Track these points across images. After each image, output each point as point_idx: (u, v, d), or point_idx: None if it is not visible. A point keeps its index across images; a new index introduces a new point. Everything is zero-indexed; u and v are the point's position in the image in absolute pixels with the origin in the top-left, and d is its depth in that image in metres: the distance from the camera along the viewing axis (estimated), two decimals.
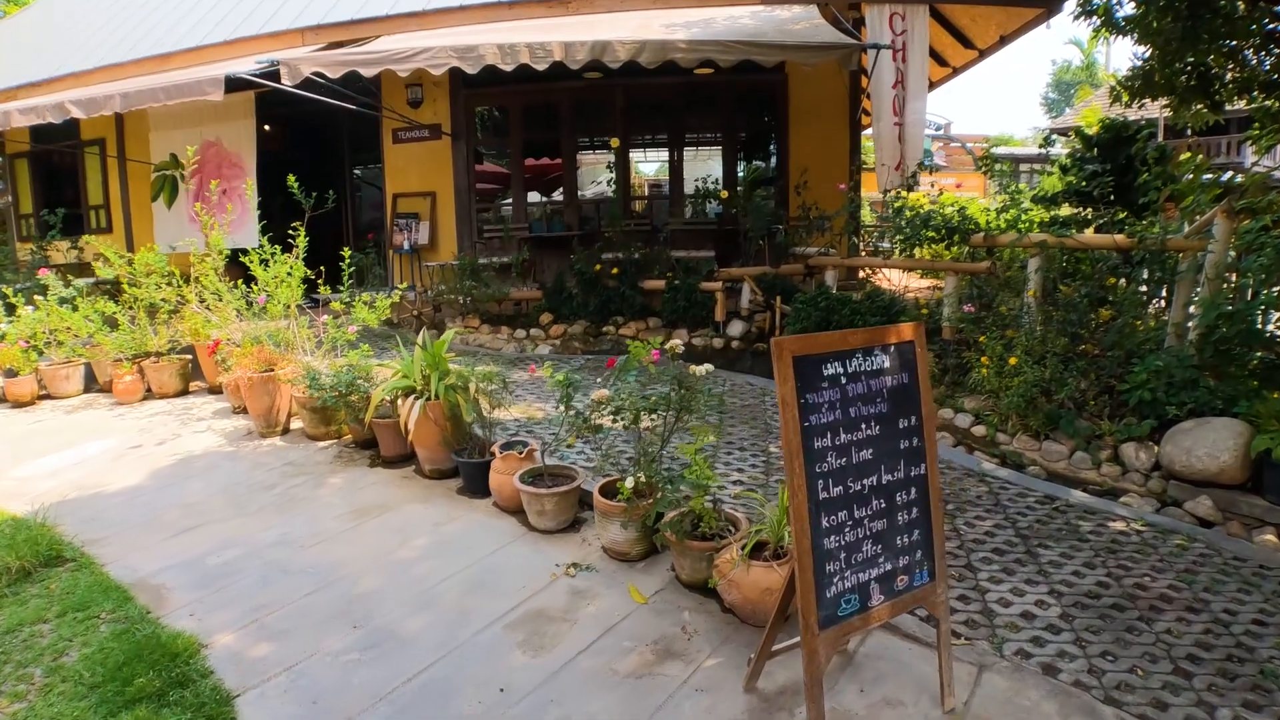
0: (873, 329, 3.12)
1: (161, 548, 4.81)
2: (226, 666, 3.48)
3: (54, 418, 8.17)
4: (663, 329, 9.67)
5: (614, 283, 9.98)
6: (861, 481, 3.05)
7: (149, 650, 3.54)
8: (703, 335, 9.38)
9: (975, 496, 5.38)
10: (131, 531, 5.06)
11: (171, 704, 3.19)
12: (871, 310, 7.96)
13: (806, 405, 2.90)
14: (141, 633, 3.73)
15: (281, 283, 7.60)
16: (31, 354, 8.86)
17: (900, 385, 3.16)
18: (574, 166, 12.52)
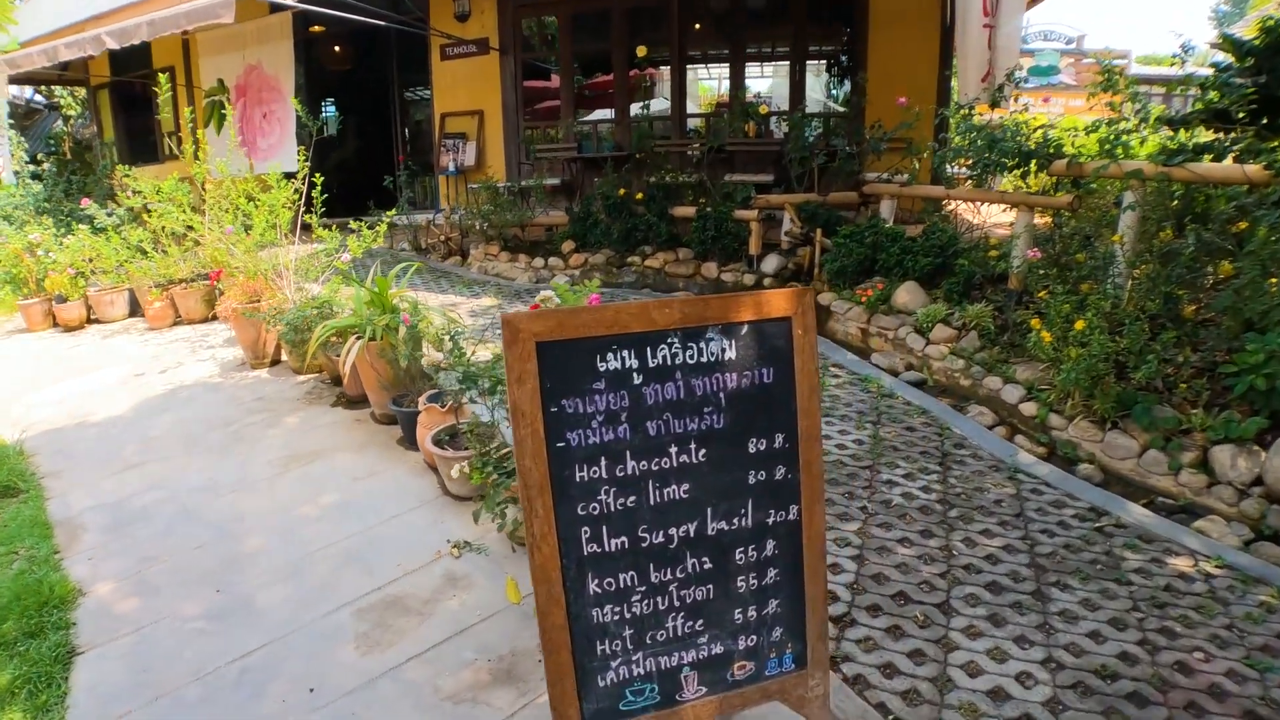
0: (703, 299, 2.00)
1: (102, 484, 4.92)
2: (88, 621, 3.46)
3: (90, 343, 8.56)
4: (693, 261, 8.73)
5: (642, 209, 9.06)
6: (666, 532, 2.04)
7: (31, 595, 3.59)
8: (734, 270, 8.37)
9: (993, 501, 4.14)
10: (87, 466, 5.24)
11: (16, 655, 3.20)
12: (926, 249, 6.76)
13: (562, 417, 1.91)
14: (35, 576, 3.80)
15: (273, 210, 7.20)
16: (79, 280, 9.13)
17: (756, 388, 2.06)
18: (625, 82, 11.38)
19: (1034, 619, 3.23)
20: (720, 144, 9.43)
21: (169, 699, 2.94)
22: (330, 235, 7.26)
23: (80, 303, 9.16)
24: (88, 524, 4.41)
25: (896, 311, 6.60)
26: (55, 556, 4.05)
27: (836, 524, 3.92)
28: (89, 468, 5.21)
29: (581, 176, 10.65)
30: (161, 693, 2.97)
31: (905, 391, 5.62)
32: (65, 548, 4.15)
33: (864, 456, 4.62)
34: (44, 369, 7.71)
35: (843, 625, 3.19)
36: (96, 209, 8.95)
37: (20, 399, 6.82)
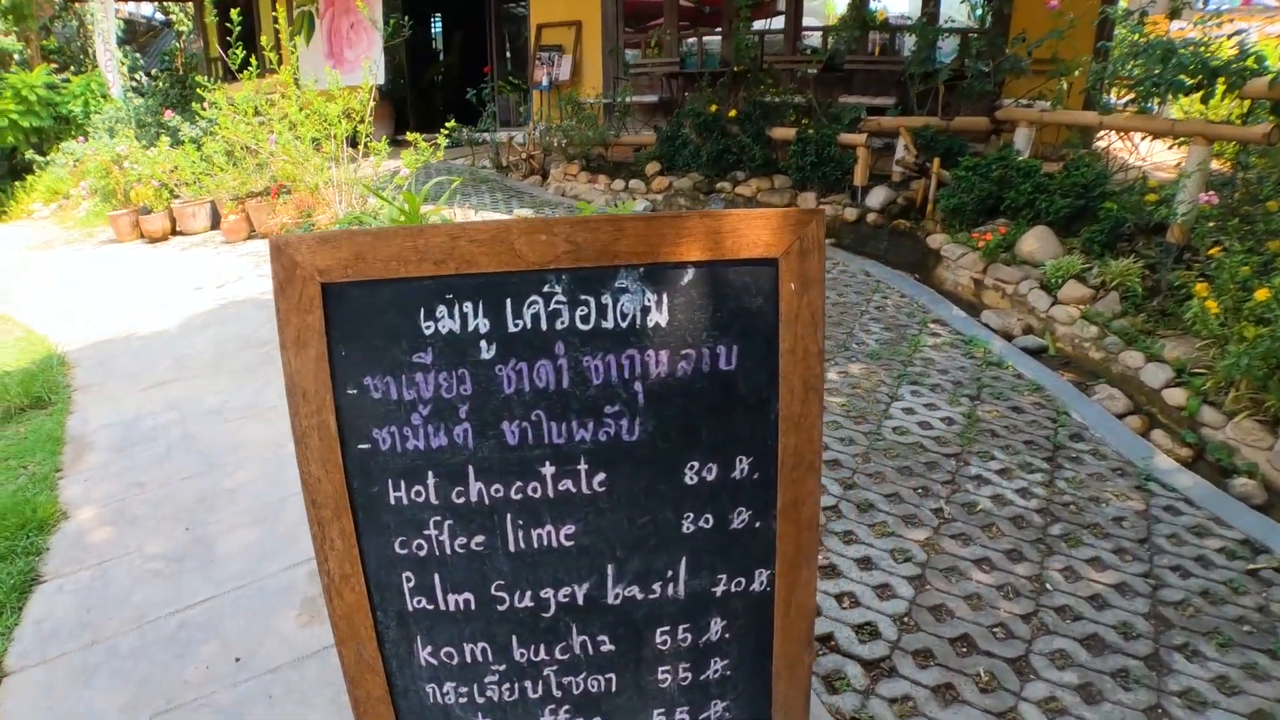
0: (612, 219, 1.20)
1: (125, 401, 4.89)
2: (60, 548, 3.38)
3: (166, 255, 8.67)
4: (789, 190, 7.71)
5: (736, 129, 8.06)
6: (538, 594, 1.34)
7: (16, 514, 3.56)
8: (835, 202, 7.31)
9: (1111, 519, 3.17)
10: (118, 381, 5.26)
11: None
12: (1065, 188, 5.57)
13: (366, 405, 1.23)
14: (28, 494, 3.78)
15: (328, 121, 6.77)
16: (163, 193, 9.17)
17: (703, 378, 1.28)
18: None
19: (1144, 698, 2.33)
20: (836, 60, 8.27)
21: (103, 646, 2.76)
22: (378, 148, 6.80)
23: (164, 214, 9.23)
24: (97, 443, 4.37)
25: (1020, 262, 5.50)
26: (55, 475, 4.04)
27: (898, 529, 3.12)
28: (119, 383, 5.25)
29: (680, 95, 9.70)
30: (99, 638, 2.81)
31: (1018, 360, 4.62)
32: (68, 466, 4.12)
33: (951, 441, 3.75)
34: (115, 280, 7.84)
35: (877, 674, 2.44)
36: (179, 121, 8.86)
37: (85, 308, 6.97)
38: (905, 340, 4.90)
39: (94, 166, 9.68)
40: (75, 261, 8.97)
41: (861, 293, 5.78)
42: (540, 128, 9.90)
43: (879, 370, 4.48)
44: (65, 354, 5.94)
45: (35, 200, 12.00)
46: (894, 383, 4.33)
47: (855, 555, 2.95)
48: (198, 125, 8.98)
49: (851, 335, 5.01)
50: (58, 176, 11.35)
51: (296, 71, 7.73)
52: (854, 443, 3.73)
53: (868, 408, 4.06)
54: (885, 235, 6.85)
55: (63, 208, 10.97)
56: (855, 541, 3.03)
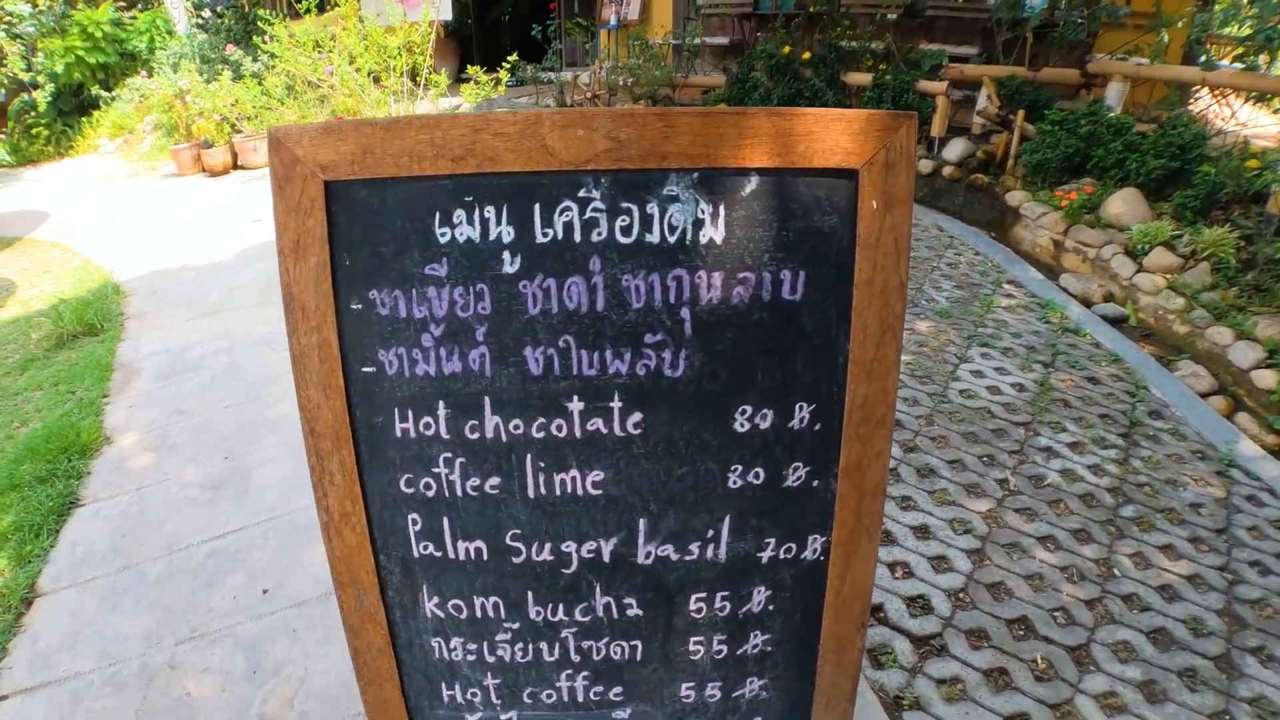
0: (662, 113, 0.99)
1: (175, 329, 4.96)
2: (101, 472, 3.40)
3: (226, 188, 8.88)
4: None
5: (809, 73, 7.67)
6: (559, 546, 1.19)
7: (60, 438, 3.60)
8: None
9: (1189, 505, 2.91)
10: (171, 309, 5.34)
11: (24, 500, 3.19)
12: (1158, 149, 5.15)
13: (371, 322, 1.08)
14: (75, 419, 3.82)
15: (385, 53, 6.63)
16: (224, 127, 9.19)
17: (762, 308, 1.08)
18: None
19: (1211, 702, 2.12)
20: (918, 5, 7.79)
21: (134, 572, 2.75)
22: (437, 81, 6.65)
23: (225, 149, 9.30)
24: (144, 370, 4.42)
25: (1104, 225, 5.12)
26: (102, 400, 4.08)
27: (959, 498, 2.91)
28: (171, 311, 5.31)
29: (753, 37, 9.29)
30: (130, 563, 2.80)
31: (1096, 329, 4.30)
32: (115, 392, 4.16)
33: (1021, 409, 3.50)
34: (174, 212, 7.96)
35: (926, 651, 2.28)
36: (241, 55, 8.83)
37: (143, 240, 7.11)
38: (977, 300, 4.61)
39: (157, 101, 9.76)
40: (136, 195, 9.11)
41: (933, 248, 5.47)
42: (606, 67, 9.62)
43: (948, 329, 4.22)
44: (121, 283, 6.05)
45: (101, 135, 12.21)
46: (963, 343, 4.07)
47: (912, 523, 2.76)
48: (259, 60, 8.94)
49: (921, 291, 4.73)
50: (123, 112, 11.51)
51: (359, 6, 7.57)
52: (918, 403, 3.51)
53: (934, 368, 3.82)
54: (961, 190, 6.47)
55: (127, 142, 11.14)
56: (913, 508, 2.84)
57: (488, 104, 9.91)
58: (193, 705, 2.18)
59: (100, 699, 2.23)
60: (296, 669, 2.27)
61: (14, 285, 6.41)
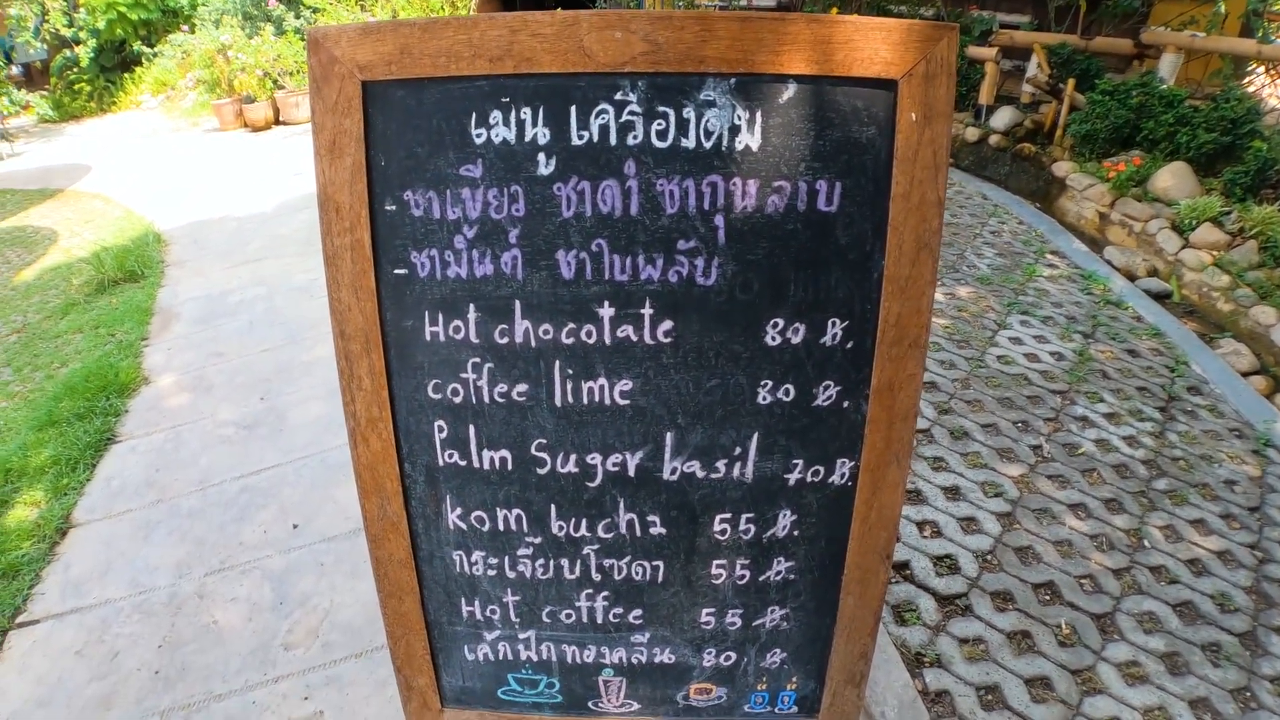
0: (701, 16, 0.97)
1: (214, 276, 5.04)
2: (140, 410, 3.47)
3: (269, 143, 8.98)
4: None
5: None
6: (584, 457, 1.18)
7: (99, 378, 3.68)
8: (956, 120, 6.78)
9: (1223, 481, 2.85)
10: (211, 257, 5.41)
11: (64, 435, 3.27)
12: (1210, 122, 4.97)
13: (405, 223, 1.08)
14: (113, 360, 3.90)
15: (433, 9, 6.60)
16: (266, 82, 9.22)
17: (797, 218, 1.05)
18: None
19: (1233, 677, 2.08)
20: None
21: (166, 505, 2.80)
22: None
23: (267, 104, 9.33)
24: (183, 314, 4.49)
25: (1152, 198, 4.98)
26: (141, 343, 4.17)
27: (992, 461, 2.87)
28: (212, 259, 5.38)
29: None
30: (163, 497, 2.86)
31: (1138, 302, 4.20)
32: (154, 335, 4.25)
33: (1059, 377, 3.43)
34: (216, 165, 8.08)
35: (951, 611, 2.26)
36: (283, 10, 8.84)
37: (184, 192, 7.20)
38: (1019, 268, 4.52)
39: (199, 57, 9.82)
40: (178, 149, 9.21)
41: (977, 215, 5.36)
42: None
43: (988, 296, 4.15)
44: (162, 232, 6.13)
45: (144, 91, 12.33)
46: (1003, 310, 4.00)
47: (943, 483, 2.73)
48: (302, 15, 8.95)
49: (963, 257, 4.65)
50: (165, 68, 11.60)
51: None
52: (955, 367, 3.46)
53: (973, 333, 3.76)
54: (1008, 159, 6.33)
55: (170, 98, 11.24)
56: (945, 469, 2.81)
57: None
58: (219, 633, 2.23)
59: (129, 625, 2.28)
60: (323, 601, 2.31)
61: (56, 234, 6.53)
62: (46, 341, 4.48)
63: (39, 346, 4.43)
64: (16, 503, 2.90)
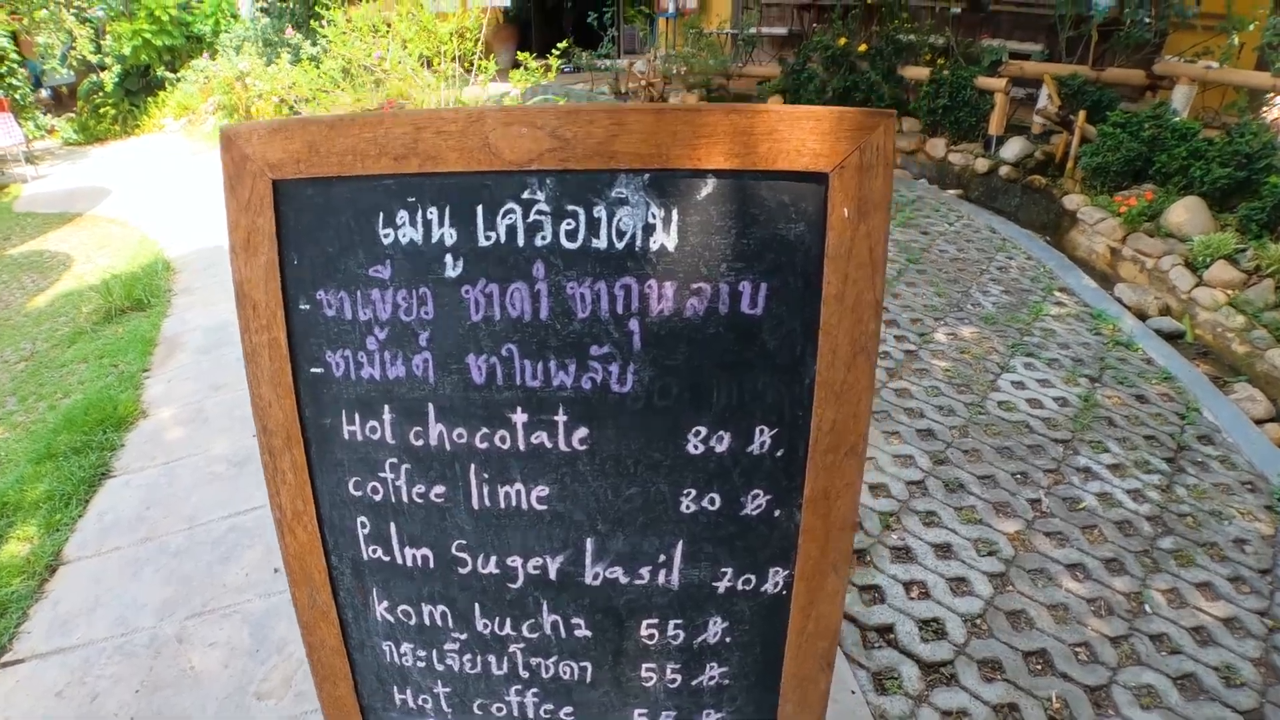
0: (613, 110, 0.93)
1: (221, 305, 5.03)
2: (136, 444, 3.48)
3: None
4: (918, 134, 7.12)
5: (865, 65, 7.46)
6: (505, 560, 1.14)
7: (99, 410, 3.68)
8: (965, 151, 6.67)
9: (1233, 540, 2.73)
10: (217, 286, 5.42)
11: (60, 469, 3.27)
12: (1224, 156, 4.87)
13: (319, 323, 1.05)
14: (113, 392, 3.90)
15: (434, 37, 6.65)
16: (283, 108, 9.44)
17: (720, 322, 1.00)
18: None
19: None
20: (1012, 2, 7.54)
21: (155, 544, 2.81)
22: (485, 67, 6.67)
23: None
24: (187, 343, 4.50)
25: (1164, 234, 4.87)
26: (142, 374, 4.17)
27: (987, 516, 2.78)
28: (218, 287, 5.37)
29: (813, 28, 9.12)
30: (153, 535, 2.86)
31: (1149, 344, 4.09)
32: (155, 366, 4.26)
33: (1061, 424, 3.34)
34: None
35: (935, 680, 2.17)
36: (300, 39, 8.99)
37: (197, 217, 7.29)
38: (1026, 306, 4.42)
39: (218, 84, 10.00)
40: (195, 173, 9.35)
41: (984, 250, 5.26)
42: (660, 55, 9.54)
43: (992, 336, 4.06)
44: (172, 259, 6.21)
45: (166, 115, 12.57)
46: (1007, 352, 3.91)
47: (934, 540, 2.65)
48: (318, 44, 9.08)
49: (967, 295, 4.56)
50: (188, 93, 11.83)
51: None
52: (953, 413, 3.37)
53: (974, 376, 3.67)
54: (1017, 191, 6.25)
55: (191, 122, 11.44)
56: (936, 525, 2.72)
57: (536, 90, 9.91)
58: (196, 678, 2.21)
59: (110, 666, 2.27)
60: (298, 649, 2.27)
61: (71, 260, 6.63)
62: (52, 370, 4.52)
63: (45, 375, 4.47)
64: (9, 538, 2.91)
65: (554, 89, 10.76)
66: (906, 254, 5.05)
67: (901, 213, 5.76)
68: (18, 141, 10.19)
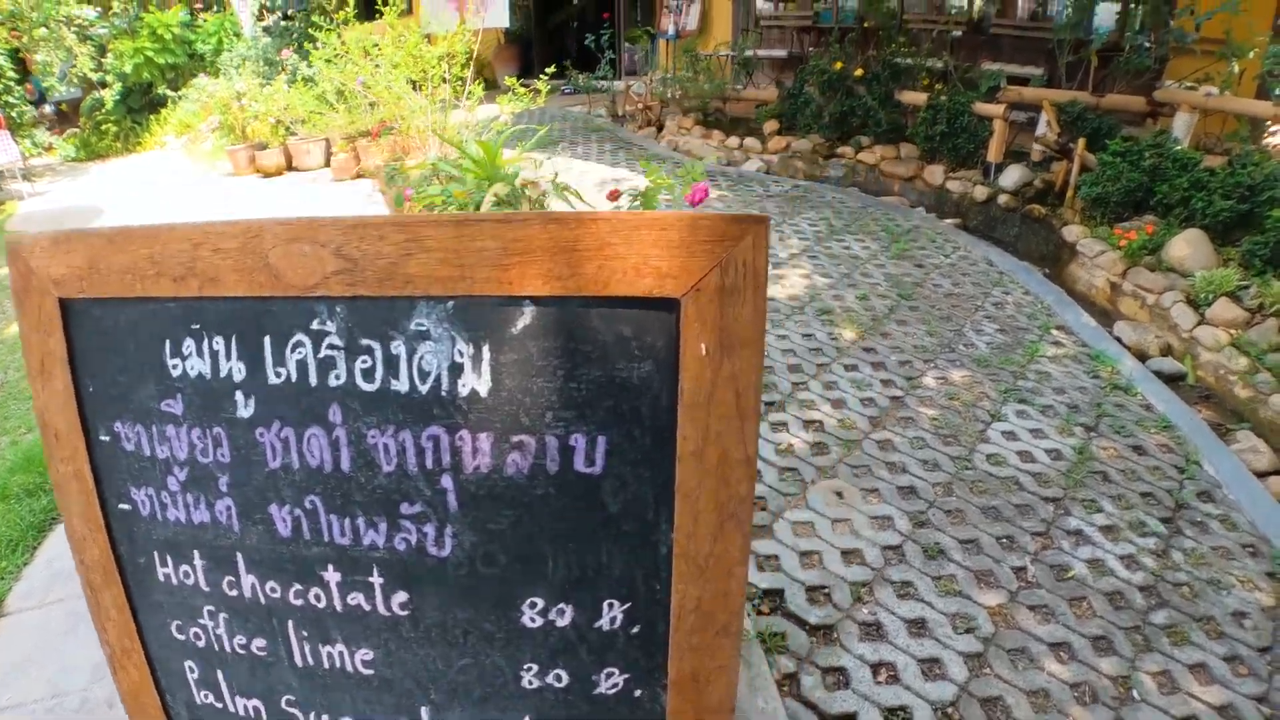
0: (411, 223, 0.77)
1: None
2: None
3: (275, 191, 8.98)
4: (916, 160, 6.98)
5: (862, 89, 7.32)
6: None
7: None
8: (964, 178, 6.52)
9: (1232, 614, 2.55)
10: None
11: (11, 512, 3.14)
12: (1226, 188, 4.69)
13: (120, 456, 0.91)
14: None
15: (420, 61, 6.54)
16: (278, 129, 9.30)
17: (551, 482, 0.84)
18: None
19: None
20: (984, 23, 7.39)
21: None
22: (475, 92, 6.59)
23: (278, 150, 9.42)
24: None
25: (1166, 268, 4.71)
26: None
27: (968, 587, 2.62)
28: None
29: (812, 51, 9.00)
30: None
31: (1148, 388, 3.91)
32: None
33: (1052, 480, 3.17)
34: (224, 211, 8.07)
35: None
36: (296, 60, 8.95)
37: None
38: (1021, 346, 4.25)
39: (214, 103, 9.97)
40: (187, 193, 9.29)
41: (980, 285, 5.09)
42: (657, 77, 9.43)
43: (984, 380, 3.88)
44: None
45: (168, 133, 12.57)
46: (999, 398, 3.74)
47: (908, 614, 2.48)
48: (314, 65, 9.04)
49: (960, 334, 4.39)
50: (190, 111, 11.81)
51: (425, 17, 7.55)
52: (938, 468, 3.20)
53: (963, 426, 3.50)
54: (1016, 220, 6.09)
55: (192, 140, 11.42)
56: (911, 596, 2.56)
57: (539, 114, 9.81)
58: None
59: None
60: None
61: None
62: (19, 403, 4.40)
63: (10, 408, 4.35)
64: None
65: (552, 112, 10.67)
66: (899, 289, 4.90)
67: (897, 243, 5.60)
68: (14, 159, 10.17)
